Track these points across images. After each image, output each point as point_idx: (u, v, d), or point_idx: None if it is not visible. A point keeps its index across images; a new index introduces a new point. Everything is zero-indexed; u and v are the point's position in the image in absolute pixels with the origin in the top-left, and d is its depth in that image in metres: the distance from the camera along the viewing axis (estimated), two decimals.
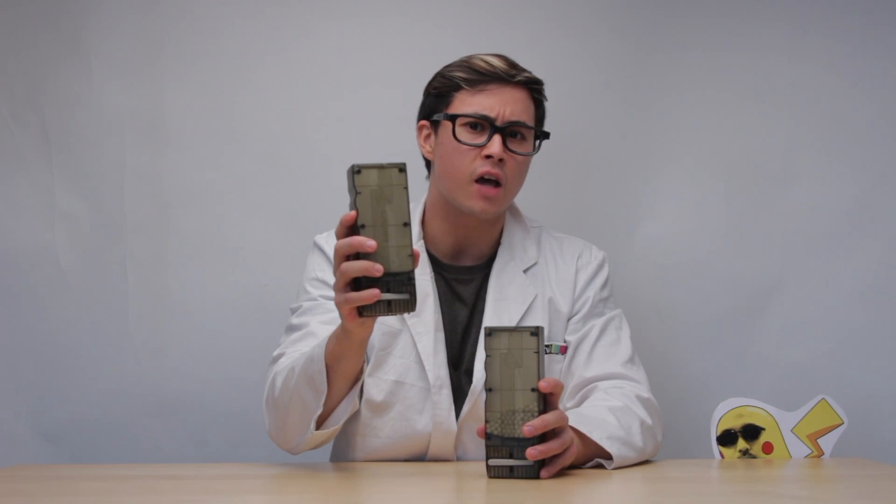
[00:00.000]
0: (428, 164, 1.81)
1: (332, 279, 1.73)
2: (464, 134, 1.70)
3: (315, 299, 1.73)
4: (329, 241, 1.77)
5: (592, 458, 1.55)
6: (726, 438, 1.71)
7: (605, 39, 2.15)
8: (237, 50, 2.13)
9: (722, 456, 1.70)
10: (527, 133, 1.72)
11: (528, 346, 1.42)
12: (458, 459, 1.74)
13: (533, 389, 1.41)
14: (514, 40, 2.10)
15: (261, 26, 2.13)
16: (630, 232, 2.16)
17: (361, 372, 1.53)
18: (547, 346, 1.74)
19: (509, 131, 1.71)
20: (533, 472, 1.43)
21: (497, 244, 1.79)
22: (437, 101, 1.75)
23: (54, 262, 2.12)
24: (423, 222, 1.79)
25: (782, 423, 1.72)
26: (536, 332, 1.42)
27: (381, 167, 1.38)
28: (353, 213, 1.38)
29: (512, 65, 1.73)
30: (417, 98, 1.80)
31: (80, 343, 2.12)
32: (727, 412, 1.71)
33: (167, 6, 2.13)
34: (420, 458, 1.73)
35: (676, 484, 1.51)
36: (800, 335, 2.14)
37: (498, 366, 1.43)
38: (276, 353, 1.69)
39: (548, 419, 1.41)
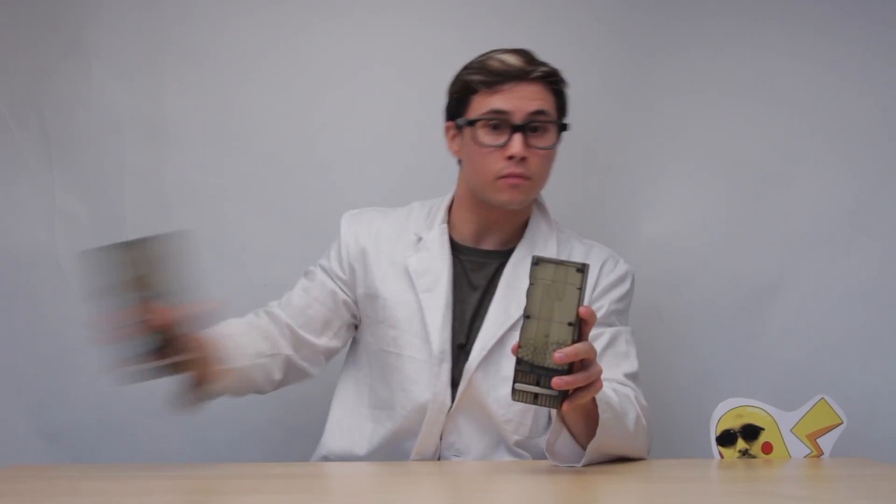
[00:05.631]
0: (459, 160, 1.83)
1: (333, 265, 1.82)
2: (485, 136, 1.73)
3: (313, 274, 1.85)
4: (350, 223, 1.85)
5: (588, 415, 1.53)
6: (726, 438, 1.71)
7: (606, 40, 2.15)
8: (237, 50, 2.13)
9: (721, 456, 1.70)
10: (548, 126, 1.74)
11: (571, 280, 1.41)
12: (451, 445, 1.74)
13: (570, 324, 1.41)
14: (514, 40, 2.09)
15: (261, 26, 2.13)
16: (631, 232, 2.16)
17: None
18: None
19: (530, 127, 1.73)
20: (556, 402, 1.42)
21: (518, 235, 1.81)
22: (458, 103, 1.78)
23: (54, 262, 2.12)
24: (449, 209, 1.83)
25: (782, 423, 1.71)
26: (582, 269, 1.41)
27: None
28: None
29: (529, 60, 1.75)
30: (418, 98, 1.81)
31: (80, 343, 2.12)
32: (727, 412, 1.71)
33: (167, 6, 2.13)
34: (413, 434, 1.73)
35: (676, 484, 1.51)
36: (800, 335, 2.13)
37: (539, 295, 1.41)
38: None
39: (579, 348, 1.40)
